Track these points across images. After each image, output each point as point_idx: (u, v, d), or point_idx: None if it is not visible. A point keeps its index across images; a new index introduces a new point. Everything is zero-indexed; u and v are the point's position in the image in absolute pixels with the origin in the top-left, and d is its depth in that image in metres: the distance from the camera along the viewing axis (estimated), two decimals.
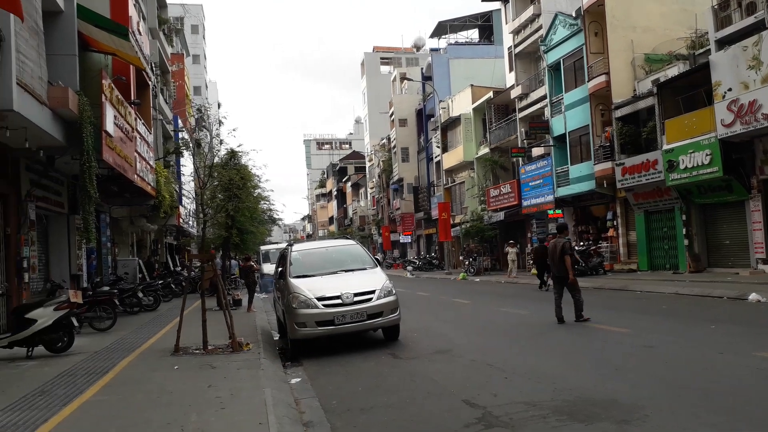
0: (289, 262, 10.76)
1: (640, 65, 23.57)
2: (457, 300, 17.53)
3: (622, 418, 5.20)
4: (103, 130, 12.63)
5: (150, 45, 22.40)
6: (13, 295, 11.92)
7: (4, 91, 8.96)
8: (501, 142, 33.77)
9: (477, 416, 5.52)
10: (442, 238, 36.87)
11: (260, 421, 5.35)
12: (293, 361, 9.41)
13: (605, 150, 23.89)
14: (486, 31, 50.71)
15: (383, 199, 59.34)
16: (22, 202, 12.56)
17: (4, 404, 6.25)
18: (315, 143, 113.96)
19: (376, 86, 67.89)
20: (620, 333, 9.69)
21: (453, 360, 8.38)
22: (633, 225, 24.05)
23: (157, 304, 17.66)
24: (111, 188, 16.29)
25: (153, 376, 7.63)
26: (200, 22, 68.44)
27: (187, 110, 32.32)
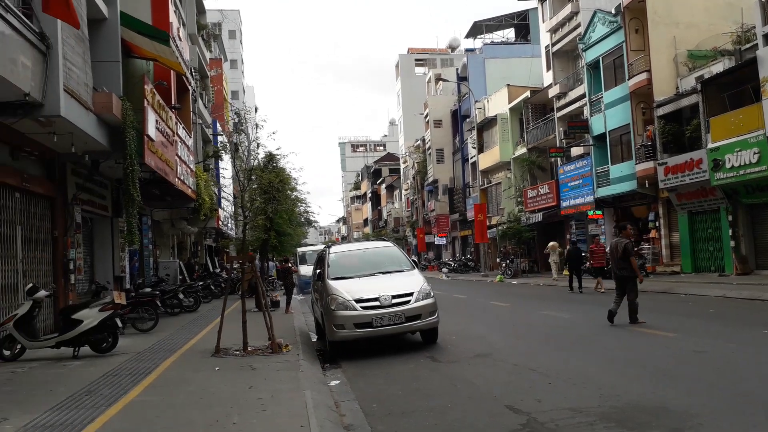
0: (327, 264, 10.77)
1: (683, 62, 22.95)
2: (496, 303, 17.32)
3: (675, 426, 5.02)
4: (145, 134, 12.89)
5: (189, 50, 22.79)
6: (60, 296, 12.25)
7: (51, 97, 9.20)
8: (538, 141, 33.32)
9: (521, 422, 5.40)
10: (478, 240, 36.55)
11: (301, 424, 5.33)
12: (332, 363, 9.41)
13: (647, 149, 23.32)
14: (522, 31, 50.11)
15: (418, 200, 59.19)
16: (68, 205, 12.90)
17: (53, 403, 6.38)
18: (350, 145, 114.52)
19: (411, 88, 67.80)
20: (667, 337, 9.41)
21: (494, 364, 8.24)
22: (676, 226, 23.41)
23: (197, 305, 17.94)
24: (153, 191, 16.63)
25: (195, 377, 7.71)
26: (237, 27, 69.48)
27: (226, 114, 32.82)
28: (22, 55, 8.43)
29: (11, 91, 8.36)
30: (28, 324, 9.32)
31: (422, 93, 60.43)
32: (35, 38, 8.88)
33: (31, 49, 8.73)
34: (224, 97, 35.72)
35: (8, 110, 8.97)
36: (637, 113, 24.37)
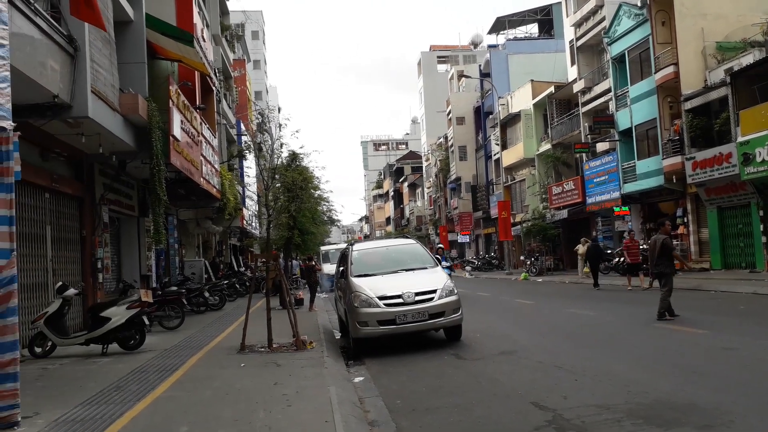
0: (350, 262, 10.80)
1: (711, 54, 22.48)
2: (520, 300, 17.18)
3: (705, 424, 4.92)
4: (170, 134, 13.06)
5: (213, 51, 23.04)
6: (89, 294, 12.48)
7: (79, 99, 9.38)
8: (563, 137, 32.95)
9: (547, 419, 5.35)
10: (502, 238, 36.29)
11: (326, 419, 5.35)
12: (356, 359, 9.43)
13: (674, 144, 22.93)
14: (545, 25, 49.64)
15: (440, 198, 58.98)
16: (96, 205, 13.14)
17: (83, 398, 6.50)
18: (372, 144, 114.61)
19: (433, 85, 67.60)
20: (696, 334, 9.24)
21: (518, 361, 8.17)
22: (705, 222, 22.97)
23: (222, 303, 18.13)
24: (178, 191, 16.85)
25: (221, 373, 7.79)
26: (260, 27, 69.99)
27: (249, 114, 33.09)
28: (51, 57, 8.61)
29: (40, 93, 8.54)
30: (58, 321, 9.52)
31: (445, 90, 60.20)
32: (64, 41, 9.07)
33: (59, 51, 8.91)
34: (248, 98, 36.00)
35: (38, 112, 9.16)
36: (664, 107, 23.96)
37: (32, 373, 8.16)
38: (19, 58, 7.43)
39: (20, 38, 7.55)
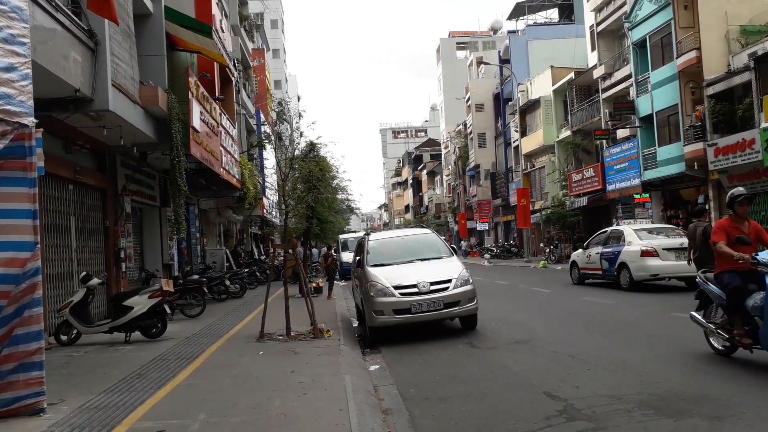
0: (366, 251, 10.92)
1: (734, 38, 22.02)
2: (537, 289, 17.17)
3: (715, 415, 4.95)
4: (190, 126, 13.24)
5: (232, 42, 23.18)
6: (112, 283, 12.77)
7: (100, 93, 9.54)
8: (583, 124, 32.62)
9: (558, 409, 5.42)
10: (521, 225, 36.16)
11: (341, 407, 5.48)
12: (372, 348, 9.55)
13: (696, 130, 22.58)
14: (566, 11, 48.95)
15: (459, 186, 58.80)
16: (118, 196, 13.40)
17: (107, 385, 6.72)
18: (391, 132, 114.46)
19: (452, 72, 67.20)
20: None
21: (533, 350, 8.23)
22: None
23: (243, 291, 18.40)
24: (199, 181, 17.09)
25: (240, 361, 7.96)
26: (279, 16, 70.03)
27: (269, 104, 33.24)
28: (72, 52, 8.77)
29: (62, 87, 8.72)
30: (82, 310, 9.78)
31: (464, 77, 59.81)
32: (84, 35, 9.22)
33: (80, 46, 9.07)
34: (267, 87, 36.15)
35: (60, 106, 9.35)
36: (685, 93, 23.58)
37: (58, 360, 8.43)
38: (40, 54, 7.61)
39: (41, 34, 7.72)
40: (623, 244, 15.57)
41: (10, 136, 5.43)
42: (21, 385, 5.53)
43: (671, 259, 14.52)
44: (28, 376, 5.55)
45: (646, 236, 15.55)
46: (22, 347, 5.55)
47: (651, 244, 14.91)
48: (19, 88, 5.44)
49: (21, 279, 5.54)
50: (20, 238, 5.59)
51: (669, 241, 15.15)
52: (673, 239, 15.36)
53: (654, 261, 14.57)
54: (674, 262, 14.40)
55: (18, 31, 5.48)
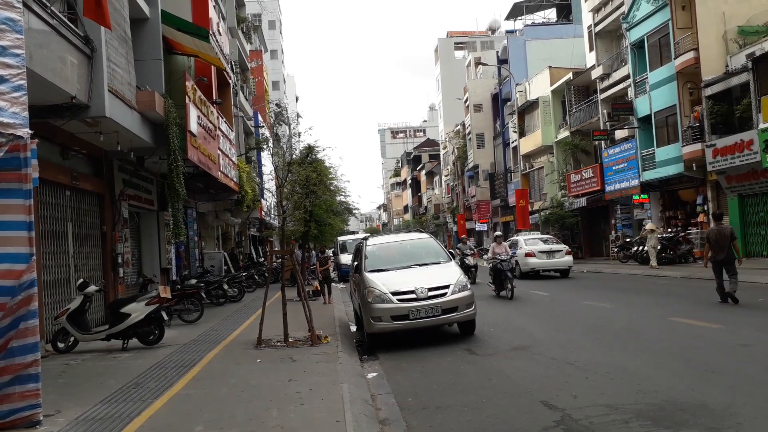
0: (364, 256, 10.89)
1: (732, 39, 22.03)
2: (536, 292, 17.14)
3: (712, 426, 4.94)
4: (187, 130, 13.20)
5: (230, 44, 23.12)
6: (110, 289, 12.75)
7: (97, 99, 9.52)
8: (582, 124, 32.63)
9: (555, 419, 5.40)
10: (520, 226, 36.11)
11: (337, 419, 5.46)
12: (370, 354, 9.54)
13: (694, 131, 22.59)
14: (564, 11, 48.95)
15: (458, 186, 58.80)
16: (116, 201, 13.37)
17: (103, 396, 6.69)
18: (389, 132, 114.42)
19: (451, 72, 67.19)
20: (711, 329, 9.19)
21: (532, 357, 8.21)
22: (725, 210, 22.62)
23: (241, 295, 18.38)
24: (197, 185, 17.07)
25: (237, 369, 7.94)
26: (277, 17, 69.95)
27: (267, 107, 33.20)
28: (68, 59, 8.75)
29: (58, 94, 8.69)
30: (79, 317, 9.76)
31: (462, 77, 59.82)
32: (80, 42, 9.20)
33: (76, 52, 9.05)
34: (265, 89, 36.11)
35: (56, 112, 9.32)
36: (683, 94, 23.61)
37: (55, 368, 8.41)
38: (36, 61, 7.58)
39: (37, 41, 7.69)
40: (516, 248, 21.79)
41: (4, 148, 5.40)
42: (17, 397, 5.51)
43: (544, 258, 21.60)
44: (24, 389, 5.53)
45: (530, 243, 22.44)
46: (18, 359, 5.53)
47: (531, 249, 21.70)
48: (10, 100, 5.41)
49: (17, 291, 5.52)
50: (16, 250, 5.56)
51: (544, 246, 21.99)
52: (547, 245, 22.11)
53: (532, 259, 21.47)
54: (546, 260, 21.63)
55: (10, 43, 5.45)
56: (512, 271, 15.79)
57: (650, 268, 21.22)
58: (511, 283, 15.19)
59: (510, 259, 15.77)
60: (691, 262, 22.05)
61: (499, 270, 15.56)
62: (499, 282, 15.67)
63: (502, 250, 15.92)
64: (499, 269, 15.49)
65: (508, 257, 15.70)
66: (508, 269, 15.44)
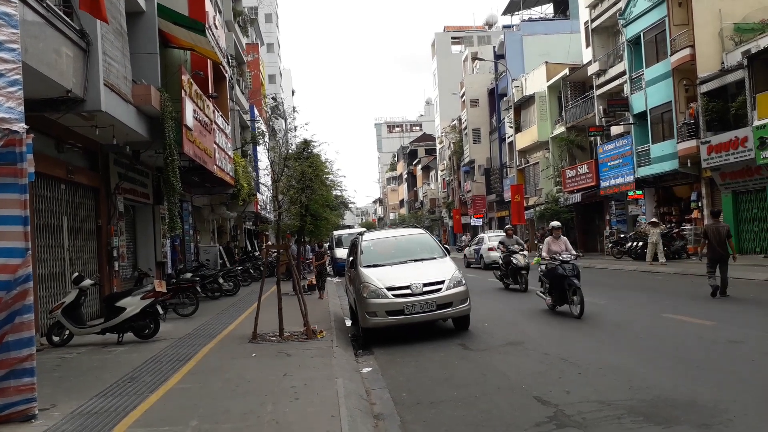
0: (359, 251, 10.93)
1: (728, 36, 22.08)
2: (531, 287, 17.20)
3: (703, 422, 4.99)
4: (183, 124, 13.20)
5: (226, 38, 23.07)
6: (105, 282, 12.75)
7: (92, 93, 9.50)
8: (578, 120, 32.68)
9: (548, 415, 5.45)
10: (515, 221, 36.24)
11: (332, 414, 5.49)
12: (365, 349, 9.58)
13: (689, 127, 22.66)
14: (561, 6, 48.90)
15: (454, 181, 58.87)
16: (111, 194, 13.35)
17: (99, 390, 6.72)
18: (386, 126, 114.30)
19: (447, 67, 67.14)
20: (704, 326, 9.26)
21: (525, 353, 8.27)
22: (720, 206, 22.76)
23: (236, 289, 18.39)
24: (192, 178, 17.05)
25: (232, 363, 7.97)
26: (273, 10, 69.71)
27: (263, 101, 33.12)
28: (65, 52, 8.73)
29: (54, 88, 8.67)
30: (74, 311, 9.76)
31: (459, 72, 59.76)
32: (76, 36, 9.17)
33: (72, 46, 9.02)
34: (261, 82, 36.01)
35: (52, 106, 9.30)
36: (679, 90, 23.67)
37: (50, 362, 8.42)
38: (31, 55, 7.57)
39: (32, 35, 7.67)
40: (482, 245, 26.36)
41: (0, 143, 5.40)
42: (12, 391, 5.53)
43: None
44: (19, 383, 5.54)
45: (493, 239, 25.03)
46: (13, 354, 5.55)
47: (493, 245, 23.40)
48: (6, 95, 5.41)
49: (12, 285, 5.53)
50: (11, 245, 5.57)
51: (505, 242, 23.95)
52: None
53: (494, 253, 22.52)
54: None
55: (5, 37, 5.44)
56: (578, 276, 11.04)
57: (649, 264, 21.23)
58: (580, 294, 10.70)
59: (575, 259, 11.51)
60: (685, 258, 22.16)
61: (559, 275, 11.12)
62: (560, 291, 11.28)
63: (561, 248, 11.74)
64: (560, 274, 11.09)
65: (571, 257, 11.40)
66: (574, 274, 10.94)
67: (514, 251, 16.41)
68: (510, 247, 16.66)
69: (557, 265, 11.20)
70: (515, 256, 16.18)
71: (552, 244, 11.86)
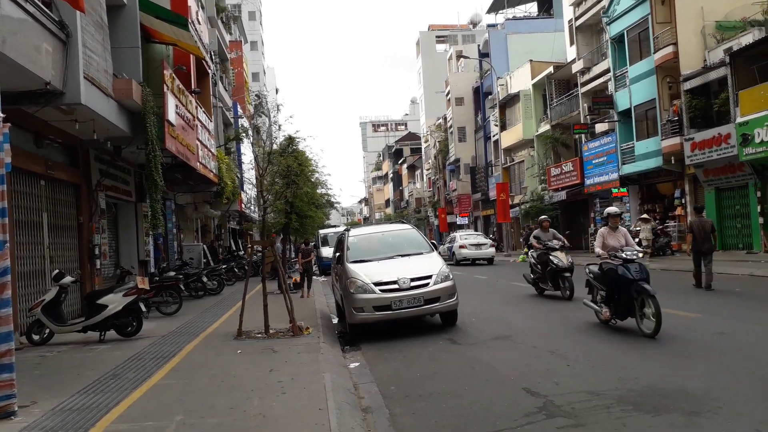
0: (346, 247, 10.83)
1: (710, 34, 22.32)
2: (517, 283, 17.21)
3: (692, 410, 4.98)
4: (165, 119, 13.00)
5: (209, 33, 22.83)
6: (86, 281, 12.52)
7: (72, 85, 9.30)
8: (562, 118, 32.84)
9: (538, 405, 5.41)
10: (501, 219, 36.33)
11: (320, 407, 5.41)
12: (352, 345, 9.49)
13: (673, 124, 22.86)
14: (545, 4, 49.17)
15: (439, 180, 58.92)
16: (92, 191, 13.12)
17: (80, 387, 6.56)
18: (371, 125, 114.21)
19: (432, 65, 67.15)
20: (690, 318, 9.29)
21: (513, 346, 8.23)
22: (703, 203, 22.98)
23: (220, 288, 18.19)
24: (175, 176, 16.83)
25: (217, 360, 7.84)
26: (257, 8, 69.28)
27: (246, 97, 32.87)
28: (43, 44, 8.53)
29: (32, 80, 8.47)
30: (55, 309, 9.56)
31: (443, 70, 59.79)
32: (55, 27, 8.97)
33: (51, 38, 8.82)
34: (245, 80, 35.75)
35: (30, 99, 9.10)
36: (663, 88, 23.86)
37: (30, 361, 8.23)
38: (9, 46, 7.38)
39: (10, 25, 7.48)
40: (454, 243, 29.58)
41: None
42: None
43: (474, 249, 28.50)
44: None
45: (465, 238, 29.86)
46: None
47: (464, 242, 28.78)
48: None
49: None
50: None
51: (474, 240, 29.40)
52: (476, 240, 29.50)
53: (465, 250, 28.26)
54: (475, 251, 28.49)
55: None
56: (648, 279, 8.21)
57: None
58: (655, 305, 7.84)
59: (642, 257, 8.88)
60: (669, 255, 22.33)
61: (622, 279, 8.23)
62: (627, 301, 8.31)
63: (621, 242, 8.94)
64: (624, 278, 8.21)
65: (636, 254, 8.52)
66: (643, 277, 8.15)
67: (552, 247, 13.21)
68: (547, 243, 13.45)
69: (620, 266, 8.38)
70: (555, 255, 12.98)
71: (608, 237, 9.07)
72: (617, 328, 8.92)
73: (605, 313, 8.79)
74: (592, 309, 9.41)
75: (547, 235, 13.84)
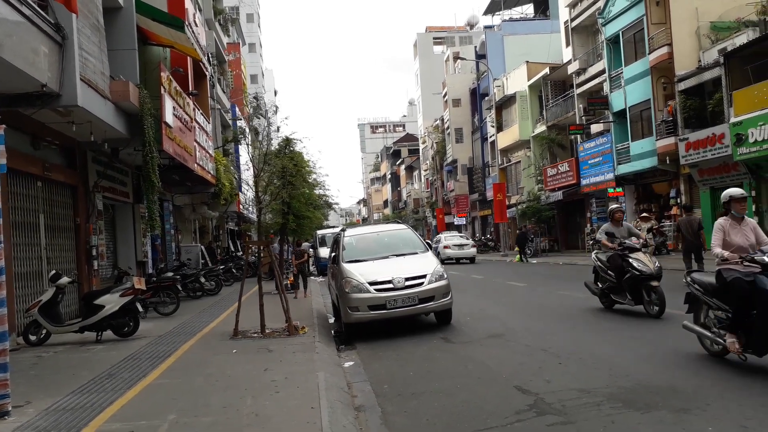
0: (341, 247, 10.90)
1: (705, 34, 22.42)
2: (512, 283, 17.31)
3: (681, 407, 5.04)
4: (162, 121, 13.05)
5: (206, 36, 22.88)
6: (84, 282, 12.56)
7: (68, 87, 9.34)
8: (558, 119, 32.94)
9: (529, 403, 5.47)
10: (498, 220, 36.43)
11: (313, 406, 5.46)
12: (347, 344, 9.55)
13: (668, 125, 22.96)
14: (541, 6, 49.27)
15: (437, 181, 59.03)
16: (90, 192, 13.16)
17: (75, 387, 6.61)
18: (369, 127, 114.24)
19: (429, 67, 67.28)
20: (683, 316, 9.30)
21: (506, 345, 8.29)
22: (698, 202, 23.07)
23: (218, 288, 18.24)
24: (173, 177, 16.86)
25: (213, 359, 7.89)
26: (255, 10, 69.36)
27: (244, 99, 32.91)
28: (40, 46, 8.58)
29: (29, 82, 8.52)
30: (52, 309, 9.60)
31: (441, 72, 59.94)
32: (51, 29, 9.01)
33: (47, 40, 8.87)
34: (243, 82, 35.79)
35: (27, 101, 9.13)
36: (657, 88, 23.97)
37: (27, 361, 8.27)
38: (6, 48, 7.43)
39: (6, 27, 7.53)
40: (439, 243, 31.61)
41: None
42: None
43: (456, 249, 30.99)
44: None
45: (449, 239, 32.76)
46: None
47: (448, 243, 31.47)
48: None
49: None
50: None
51: (457, 241, 32.14)
52: (459, 240, 32.39)
53: (449, 250, 30.58)
54: (458, 251, 31.01)
55: None
56: None
57: None
58: None
59: None
60: (665, 254, 22.40)
61: (759, 290, 5.78)
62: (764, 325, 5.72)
63: (751, 239, 6.34)
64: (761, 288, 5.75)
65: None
66: None
67: (632, 247, 9.94)
68: (624, 242, 10.13)
69: (757, 275, 5.89)
70: (635, 257, 9.76)
71: (732, 232, 6.38)
72: (614, 327, 8.98)
73: (732, 345, 6.04)
74: (698, 335, 6.82)
75: (621, 231, 10.48)
